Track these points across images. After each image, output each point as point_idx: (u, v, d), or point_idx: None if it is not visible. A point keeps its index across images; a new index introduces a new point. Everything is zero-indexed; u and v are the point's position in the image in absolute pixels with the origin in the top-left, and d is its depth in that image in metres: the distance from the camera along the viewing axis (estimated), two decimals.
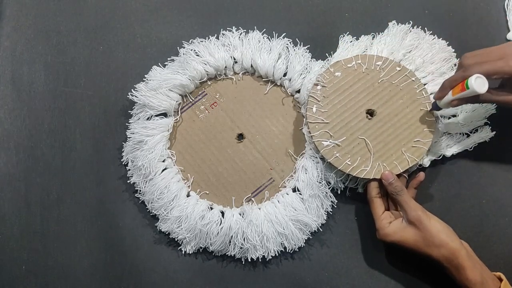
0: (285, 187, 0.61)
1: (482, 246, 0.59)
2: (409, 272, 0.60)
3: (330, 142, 0.57)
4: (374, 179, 0.57)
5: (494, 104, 0.61)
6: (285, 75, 0.63)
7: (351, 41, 0.64)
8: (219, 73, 0.64)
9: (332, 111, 0.59)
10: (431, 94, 0.60)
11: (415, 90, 0.59)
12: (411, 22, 0.65)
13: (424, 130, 0.58)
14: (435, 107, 0.57)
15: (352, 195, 0.62)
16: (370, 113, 0.59)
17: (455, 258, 0.51)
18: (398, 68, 0.60)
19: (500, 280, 0.52)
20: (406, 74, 0.59)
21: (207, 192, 0.62)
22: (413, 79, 0.59)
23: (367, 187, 0.58)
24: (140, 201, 0.62)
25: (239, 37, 0.65)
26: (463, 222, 0.61)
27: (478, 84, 0.49)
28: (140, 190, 0.61)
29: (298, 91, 0.63)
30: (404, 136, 0.58)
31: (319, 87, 0.59)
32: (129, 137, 0.62)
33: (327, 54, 0.64)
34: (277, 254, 0.59)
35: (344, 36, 0.64)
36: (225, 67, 0.64)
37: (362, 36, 0.64)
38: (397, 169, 0.57)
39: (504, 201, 0.61)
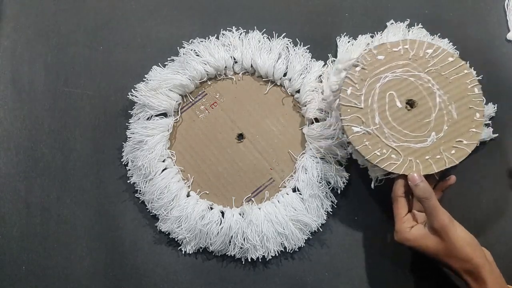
0: (285, 187, 0.61)
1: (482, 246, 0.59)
2: (409, 272, 0.60)
3: (361, 128, 0.53)
4: (402, 176, 0.53)
5: (495, 108, 0.61)
6: (285, 75, 0.63)
7: (349, 41, 0.63)
8: (219, 73, 0.64)
9: (368, 96, 0.54)
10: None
11: (466, 85, 0.53)
12: (409, 20, 0.65)
13: (470, 130, 0.52)
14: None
15: (352, 195, 0.62)
16: (410, 103, 0.54)
17: (478, 273, 0.49)
18: (451, 59, 0.54)
19: None
20: (459, 66, 0.54)
21: (207, 192, 0.62)
22: (466, 71, 0.54)
23: (394, 184, 0.54)
24: (140, 201, 0.62)
25: (239, 37, 0.65)
26: (463, 222, 0.60)
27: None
28: (140, 190, 0.61)
29: (298, 91, 0.63)
30: (445, 134, 0.52)
31: (358, 68, 0.55)
32: (129, 137, 0.62)
33: (329, 55, 0.64)
34: (277, 254, 0.59)
35: (341, 37, 0.64)
36: (225, 67, 0.64)
37: (360, 36, 0.64)
38: (431, 168, 0.52)
39: (504, 201, 0.61)
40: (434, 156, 0.52)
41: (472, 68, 0.59)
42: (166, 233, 0.61)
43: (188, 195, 0.61)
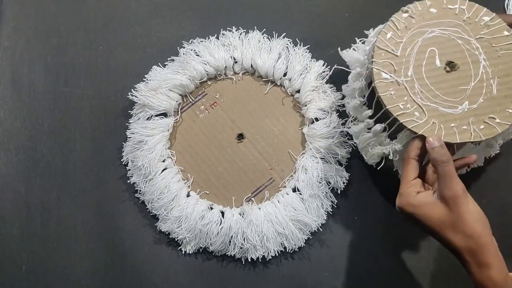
0: (285, 187, 0.61)
1: None
2: (409, 273, 0.60)
3: (391, 76, 0.49)
4: (420, 137, 0.48)
5: None
6: (285, 75, 0.63)
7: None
8: (219, 73, 0.64)
9: (408, 46, 0.50)
10: None
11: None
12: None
13: (507, 110, 0.48)
14: None
15: (352, 195, 0.62)
16: (451, 66, 0.50)
17: (481, 254, 0.44)
18: (506, 33, 0.51)
19: None
20: (511, 42, 0.50)
21: (207, 192, 0.61)
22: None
23: (408, 146, 0.49)
24: (140, 201, 0.62)
25: (239, 37, 0.65)
26: None
27: None
28: (140, 190, 0.61)
29: (298, 91, 0.63)
30: (479, 106, 0.48)
31: (405, 15, 0.51)
32: (129, 137, 0.62)
33: (332, 55, 0.64)
34: (277, 254, 0.59)
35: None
36: (225, 67, 0.64)
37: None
38: (454, 137, 0.47)
39: (504, 201, 0.61)
40: (461, 126, 0.48)
41: None
42: (166, 233, 0.61)
43: (188, 195, 0.61)
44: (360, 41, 0.59)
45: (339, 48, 0.59)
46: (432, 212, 0.45)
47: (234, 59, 0.64)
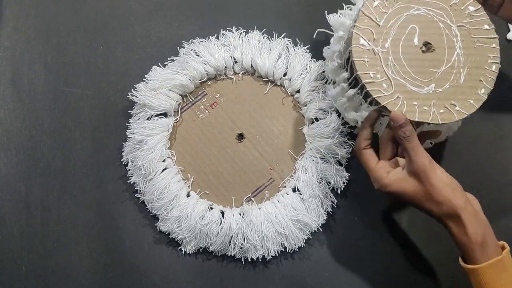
0: (285, 187, 0.61)
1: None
2: (409, 273, 0.60)
3: (368, 43, 0.50)
4: (365, 128, 0.51)
5: None
6: (285, 75, 0.63)
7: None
8: (219, 73, 0.64)
9: (391, 18, 0.51)
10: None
11: (487, 58, 0.51)
12: None
13: (469, 101, 0.49)
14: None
15: (352, 195, 0.62)
16: (428, 47, 0.51)
17: (456, 215, 0.46)
18: (487, 26, 0.52)
19: (503, 248, 0.48)
20: (491, 37, 0.52)
21: (207, 192, 0.62)
22: (494, 46, 0.51)
23: (357, 138, 0.52)
24: (140, 201, 0.62)
25: (239, 37, 0.65)
26: None
27: None
28: (140, 190, 0.61)
29: (298, 91, 0.63)
30: (444, 91, 0.50)
31: None
32: (129, 137, 0.62)
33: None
34: (277, 254, 0.59)
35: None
36: (225, 67, 0.64)
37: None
38: (413, 115, 0.49)
39: (504, 201, 0.61)
40: (422, 106, 0.49)
41: None
42: (166, 233, 0.61)
43: (188, 195, 0.61)
44: (347, 7, 0.61)
45: (325, 11, 0.61)
46: (405, 188, 0.48)
47: (234, 59, 0.64)
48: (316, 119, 0.61)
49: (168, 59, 0.65)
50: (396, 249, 0.60)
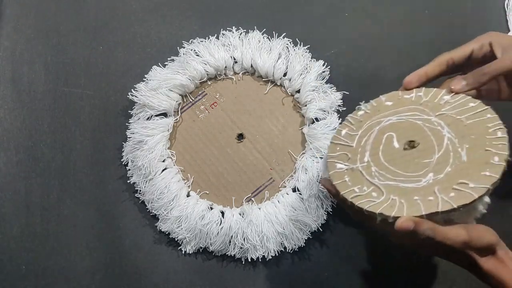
0: (285, 187, 0.61)
1: None
2: (410, 272, 0.60)
3: (345, 165, 0.47)
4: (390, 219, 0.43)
5: None
6: (285, 75, 0.63)
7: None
8: (219, 73, 0.64)
9: (363, 136, 0.49)
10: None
11: (487, 128, 0.45)
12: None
13: (483, 173, 0.42)
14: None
15: None
16: (411, 145, 0.47)
17: (493, 249, 0.44)
18: (472, 104, 0.47)
19: None
20: (482, 110, 0.46)
21: (207, 192, 0.62)
22: (490, 116, 0.46)
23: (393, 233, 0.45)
24: (140, 201, 0.62)
25: (239, 37, 0.65)
26: None
27: None
28: (140, 190, 0.61)
29: (298, 91, 0.63)
30: (446, 175, 0.43)
31: (361, 112, 0.51)
32: (129, 137, 0.62)
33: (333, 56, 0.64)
34: (277, 254, 0.59)
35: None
36: (225, 67, 0.64)
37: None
38: (418, 208, 0.42)
39: (504, 201, 0.61)
40: (426, 196, 0.43)
41: None
42: (166, 233, 0.61)
43: (188, 195, 0.61)
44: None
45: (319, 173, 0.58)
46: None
47: (234, 59, 0.64)
48: (316, 119, 0.61)
49: (168, 59, 0.65)
50: (396, 249, 0.60)
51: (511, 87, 0.46)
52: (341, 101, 0.62)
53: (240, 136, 0.63)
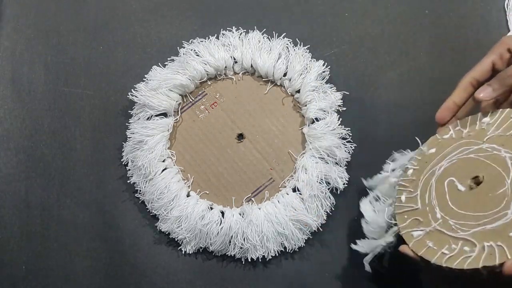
0: (285, 187, 0.61)
1: None
2: (410, 273, 0.60)
3: (421, 230, 0.44)
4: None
5: None
6: (285, 75, 0.63)
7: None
8: (219, 73, 0.64)
9: (424, 192, 0.46)
10: None
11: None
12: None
13: None
14: None
15: (352, 196, 0.61)
16: (477, 181, 0.43)
17: None
18: None
19: None
20: None
21: (207, 192, 0.62)
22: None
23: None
24: (140, 201, 0.62)
25: (239, 37, 0.65)
26: None
27: None
28: (140, 190, 0.61)
29: (298, 91, 0.63)
30: None
31: (410, 171, 0.48)
32: (129, 137, 0.62)
33: (329, 54, 0.64)
34: (277, 254, 0.59)
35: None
36: (225, 67, 0.64)
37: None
38: None
39: None
40: None
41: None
42: (166, 233, 0.61)
43: (188, 195, 0.61)
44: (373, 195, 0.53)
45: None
46: None
47: (234, 59, 0.64)
48: (316, 119, 0.61)
49: (168, 59, 0.65)
50: (396, 249, 0.60)
51: None
52: (341, 101, 0.62)
53: (240, 136, 0.63)
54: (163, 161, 0.61)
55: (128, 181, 0.62)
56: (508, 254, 0.37)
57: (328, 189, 0.60)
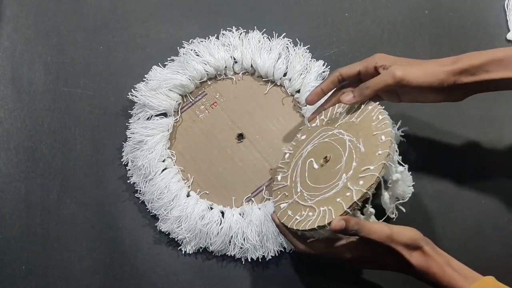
0: None
1: (481, 246, 0.59)
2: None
3: (286, 202, 0.53)
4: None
5: None
6: (285, 75, 0.63)
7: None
8: (219, 73, 0.64)
9: (293, 172, 0.55)
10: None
11: (371, 117, 0.51)
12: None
13: (377, 154, 0.48)
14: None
15: None
16: (326, 160, 0.52)
17: (418, 246, 0.47)
18: (356, 105, 0.54)
19: None
20: (364, 105, 0.53)
21: (207, 192, 0.62)
22: (370, 106, 0.52)
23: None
24: (140, 201, 0.62)
25: (239, 37, 0.65)
26: (463, 222, 0.61)
27: None
28: (140, 190, 0.61)
29: (298, 91, 0.63)
30: (354, 170, 0.49)
31: (287, 155, 0.58)
32: (129, 137, 0.62)
33: (327, 54, 0.64)
34: (277, 254, 0.59)
35: None
36: (225, 67, 0.64)
37: None
38: (341, 207, 0.47)
39: (503, 201, 0.61)
40: (344, 194, 0.47)
41: None
42: (166, 233, 0.61)
43: (188, 195, 0.61)
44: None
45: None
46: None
47: (234, 59, 0.64)
48: None
49: (168, 59, 0.65)
50: None
51: (407, 94, 0.52)
52: None
53: (240, 136, 0.63)
54: (163, 161, 0.61)
55: (128, 181, 0.62)
56: (333, 215, 0.46)
57: None
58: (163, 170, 0.61)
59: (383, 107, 0.51)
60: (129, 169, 0.62)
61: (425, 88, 0.49)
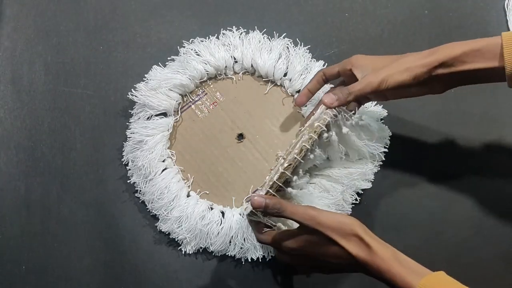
0: None
1: (481, 246, 0.59)
2: None
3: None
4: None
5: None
6: (285, 75, 0.63)
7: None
8: (219, 72, 0.64)
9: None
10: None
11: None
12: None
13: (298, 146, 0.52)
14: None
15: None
16: (241, 135, 0.56)
17: (355, 235, 0.45)
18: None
19: None
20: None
21: (207, 192, 0.62)
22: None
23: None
24: (140, 201, 0.62)
25: (240, 37, 0.65)
26: (462, 222, 0.61)
27: None
28: (140, 190, 0.61)
29: (299, 91, 0.63)
30: (286, 158, 0.52)
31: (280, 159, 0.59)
32: (129, 137, 0.62)
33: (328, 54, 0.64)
34: None
35: None
36: (225, 66, 0.64)
37: None
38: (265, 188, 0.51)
39: (503, 201, 0.61)
40: (272, 177, 0.52)
41: None
42: (166, 233, 0.61)
43: (188, 195, 0.61)
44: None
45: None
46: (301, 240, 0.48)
47: (234, 59, 0.64)
48: None
49: (168, 58, 0.65)
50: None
51: (389, 93, 0.52)
52: None
53: (240, 136, 0.63)
54: (163, 161, 0.61)
55: (128, 181, 0.62)
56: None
57: None
58: (163, 170, 0.61)
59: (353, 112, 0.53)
60: (129, 169, 0.62)
61: (403, 85, 0.50)
